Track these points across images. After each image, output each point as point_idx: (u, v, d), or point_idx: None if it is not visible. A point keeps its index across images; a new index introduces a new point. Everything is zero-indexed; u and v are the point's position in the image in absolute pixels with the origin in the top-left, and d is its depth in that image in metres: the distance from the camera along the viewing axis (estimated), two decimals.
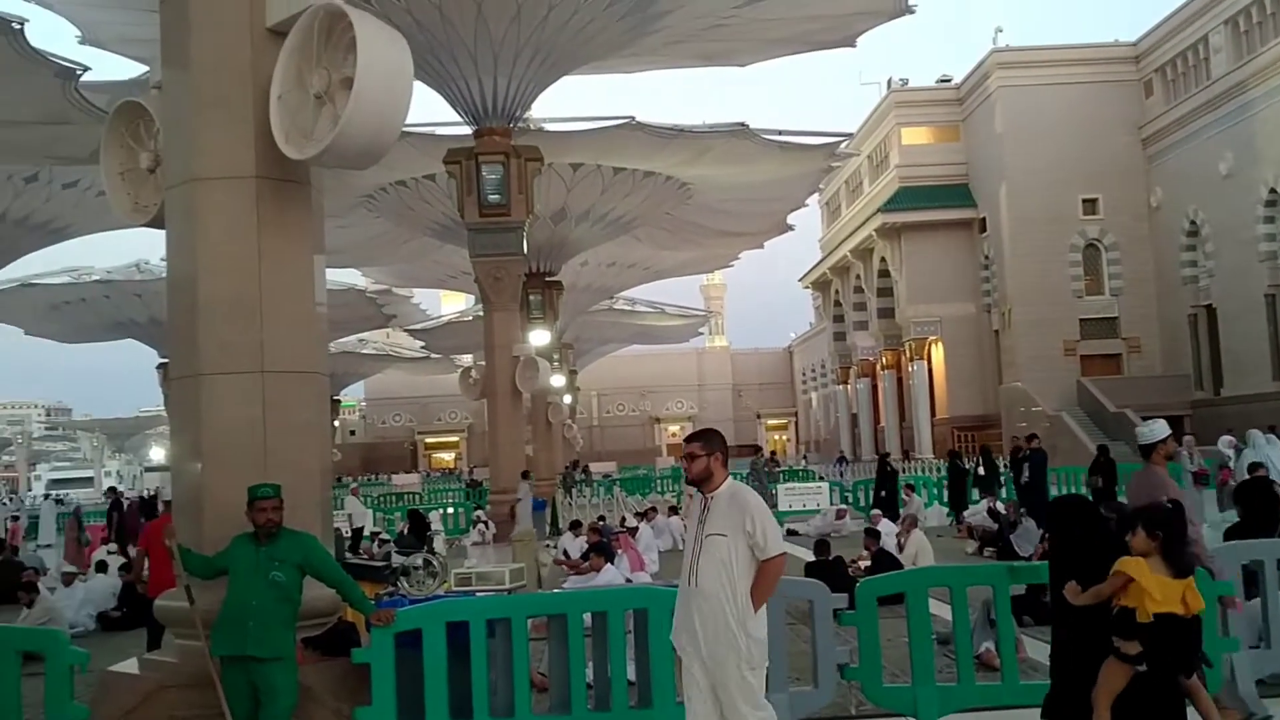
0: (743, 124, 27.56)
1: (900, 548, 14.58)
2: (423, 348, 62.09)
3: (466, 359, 51.63)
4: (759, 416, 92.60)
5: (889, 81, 58.56)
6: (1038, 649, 8.43)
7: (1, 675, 6.81)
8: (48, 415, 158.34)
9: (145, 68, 22.61)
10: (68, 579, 15.34)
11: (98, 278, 39.04)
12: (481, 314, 27.94)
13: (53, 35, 20.58)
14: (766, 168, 30.66)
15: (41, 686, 6.78)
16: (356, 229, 32.93)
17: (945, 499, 24.16)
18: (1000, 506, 18.73)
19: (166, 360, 40.09)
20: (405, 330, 57.72)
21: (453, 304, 71.34)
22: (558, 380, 37.33)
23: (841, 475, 40.19)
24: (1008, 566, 8.66)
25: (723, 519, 5.22)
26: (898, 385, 59.98)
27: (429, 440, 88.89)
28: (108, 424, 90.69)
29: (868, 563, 13.26)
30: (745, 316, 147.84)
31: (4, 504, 36.99)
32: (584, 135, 26.82)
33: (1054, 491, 22.78)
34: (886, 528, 16.06)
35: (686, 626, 5.30)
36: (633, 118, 26.11)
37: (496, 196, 22.16)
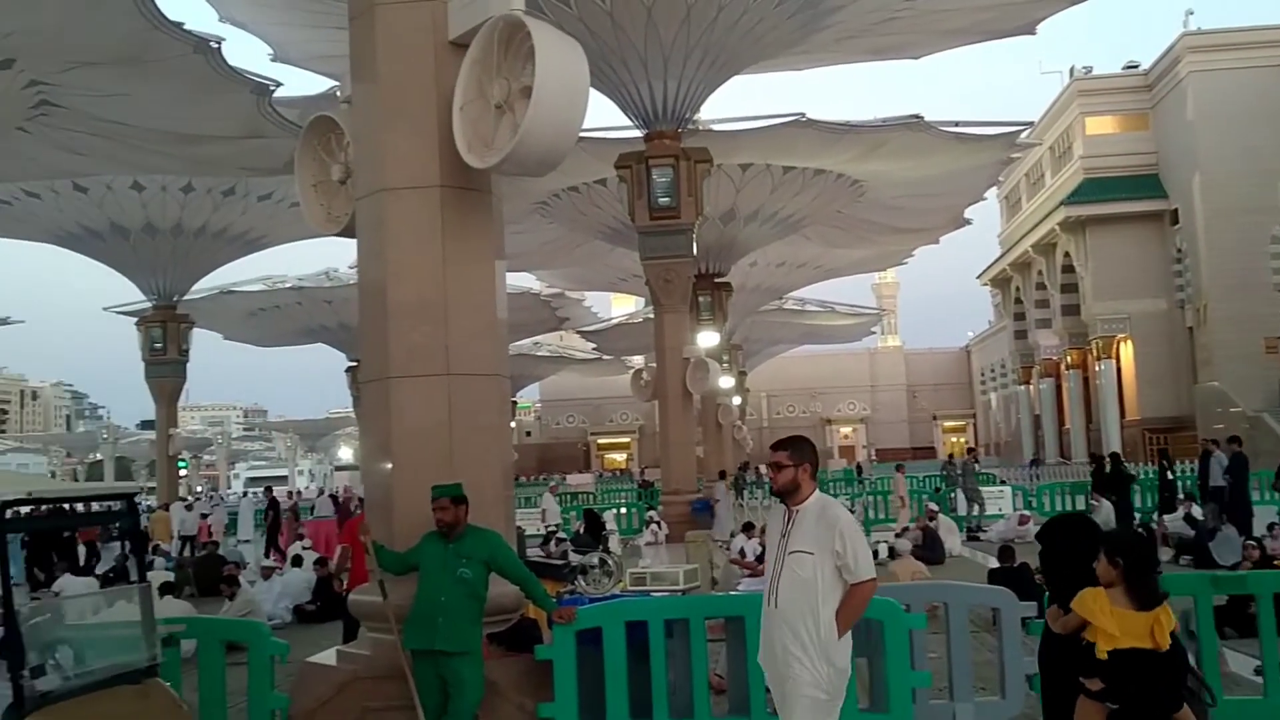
0: (917, 116, 26.92)
1: None
2: (594, 349, 63.04)
3: (637, 360, 52.16)
4: (935, 418, 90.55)
5: (1071, 69, 56.39)
6: (1240, 662, 7.99)
7: (208, 663, 7.21)
8: (245, 416, 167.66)
9: (333, 82, 23.64)
10: (266, 573, 16.13)
11: (290, 285, 41.05)
12: (651, 315, 28.15)
13: (247, 54, 21.73)
14: (942, 161, 29.89)
15: (242, 675, 7.16)
16: (530, 234, 33.67)
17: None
18: (1198, 512, 17.76)
19: (355, 363, 41.93)
20: (578, 332, 58.72)
21: (623, 306, 72.20)
22: (727, 381, 37.27)
23: (1036, 478, 38.84)
24: (1210, 576, 8.21)
25: (809, 536, 4.86)
26: (1083, 385, 57.64)
27: (601, 441, 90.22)
28: (300, 425, 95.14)
29: None
30: (919, 315, 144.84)
31: (203, 499, 39.13)
32: (753, 134, 26.68)
33: (1255, 497, 21.52)
34: None
35: (767, 649, 4.96)
36: (803, 114, 25.84)
37: (666, 199, 22.31)
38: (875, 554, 18.05)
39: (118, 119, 20.25)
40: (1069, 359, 58.12)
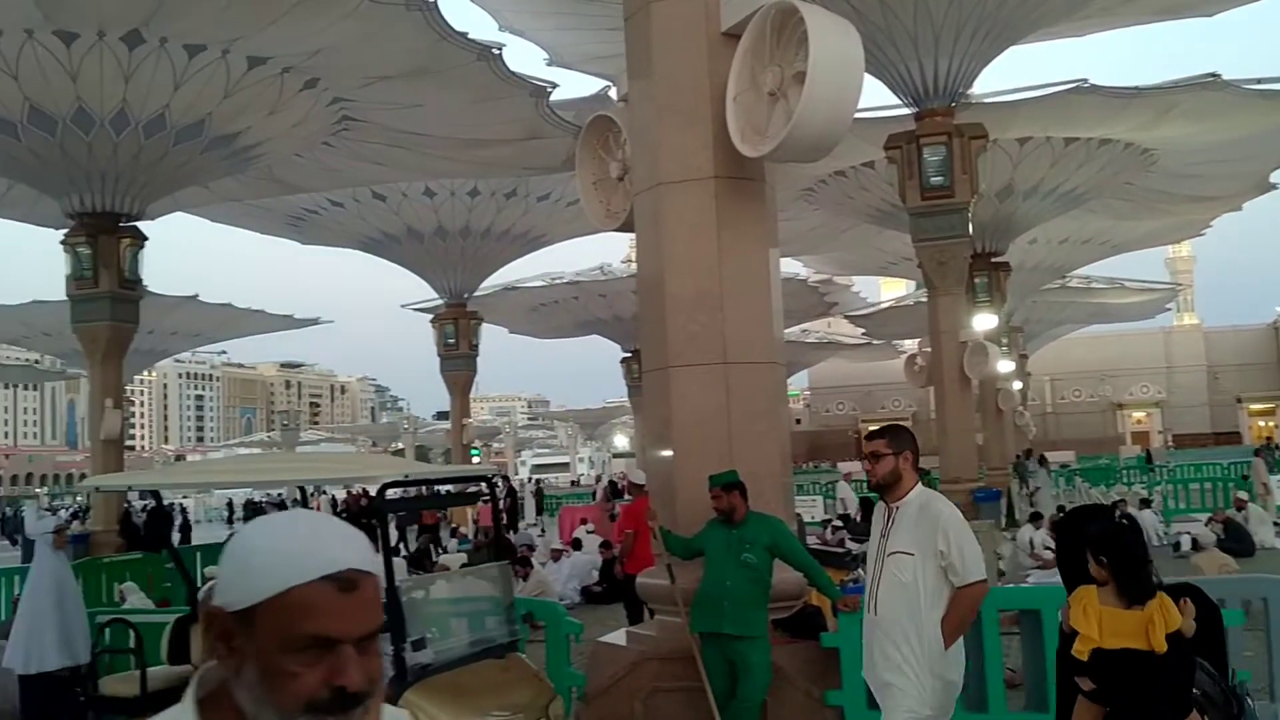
0: (1214, 74, 24.87)
1: None
2: (863, 335, 61.99)
3: (908, 345, 50.98)
4: (1239, 401, 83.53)
5: None
6: None
7: None
8: (529, 406, 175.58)
9: (605, 83, 24.36)
10: (555, 555, 16.86)
11: (568, 280, 42.69)
12: (922, 298, 27.37)
13: (524, 59, 22.66)
14: (1244, 121, 27.44)
15: (535, 651, 7.50)
16: (796, 220, 33.45)
17: None
18: None
19: (630, 354, 43.11)
20: (846, 318, 57.91)
21: (892, 290, 70.70)
22: (1007, 365, 35.70)
23: None
24: None
25: (909, 535, 4.46)
26: None
27: (872, 428, 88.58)
28: (580, 414, 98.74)
29: None
30: (1220, 290, 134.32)
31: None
32: (1031, 105, 25.41)
33: None
34: None
35: (869, 662, 4.59)
36: (1084, 80, 24.41)
37: (939, 178, 21.60)
38: (1177, 545, 17.00)
39: (411, 129, 21.61)
40: None
